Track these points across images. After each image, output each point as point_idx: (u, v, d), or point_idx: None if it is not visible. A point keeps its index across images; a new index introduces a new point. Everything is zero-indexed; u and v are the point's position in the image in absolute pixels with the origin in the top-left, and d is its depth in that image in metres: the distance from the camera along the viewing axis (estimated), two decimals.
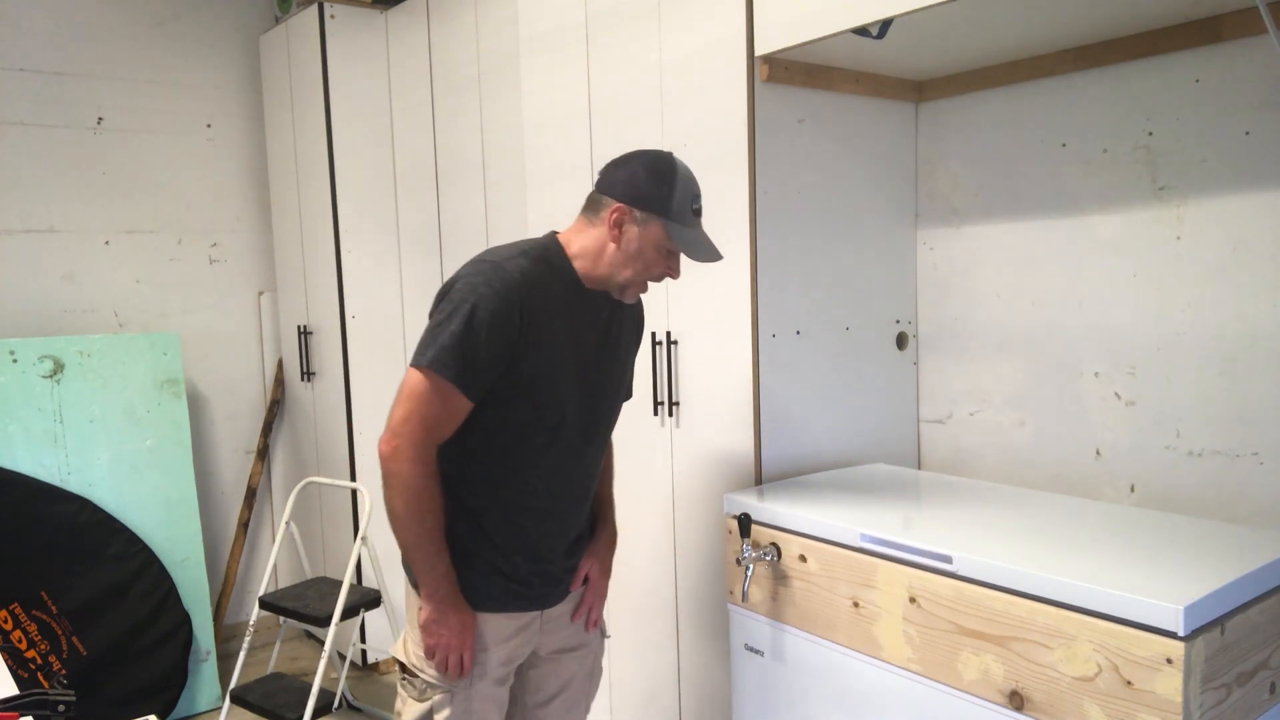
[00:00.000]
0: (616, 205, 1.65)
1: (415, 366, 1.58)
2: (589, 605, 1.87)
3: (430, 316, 1.63)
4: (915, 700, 1.61)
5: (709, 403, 2.19)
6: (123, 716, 3.03)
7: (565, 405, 1.68)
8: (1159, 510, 1.88)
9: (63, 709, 1.36)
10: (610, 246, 1.66)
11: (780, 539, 1.85)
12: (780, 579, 1.86)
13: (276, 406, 4.05)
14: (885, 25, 1.82)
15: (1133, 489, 2.02)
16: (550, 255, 1.68)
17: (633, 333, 1.87)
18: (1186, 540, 1.58)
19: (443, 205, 3.31)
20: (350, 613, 3.01)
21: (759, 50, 1.99)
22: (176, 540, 3.33)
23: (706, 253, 1.69)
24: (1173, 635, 1.27)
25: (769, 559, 1.86)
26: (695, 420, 2.23)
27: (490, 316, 1.56)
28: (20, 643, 2.97)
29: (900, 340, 2.41)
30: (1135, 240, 1.98)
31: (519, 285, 1.60)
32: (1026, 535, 1.65)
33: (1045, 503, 1.88)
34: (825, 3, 1.84)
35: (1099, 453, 2.07)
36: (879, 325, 2.36)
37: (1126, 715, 1.32)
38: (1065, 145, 2.08)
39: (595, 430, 1.77)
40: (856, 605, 1.70)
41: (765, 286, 2.08)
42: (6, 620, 2.96)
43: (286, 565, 3.99)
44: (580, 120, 2.45)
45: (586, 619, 1.87)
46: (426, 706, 1.70)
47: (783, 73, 2.04)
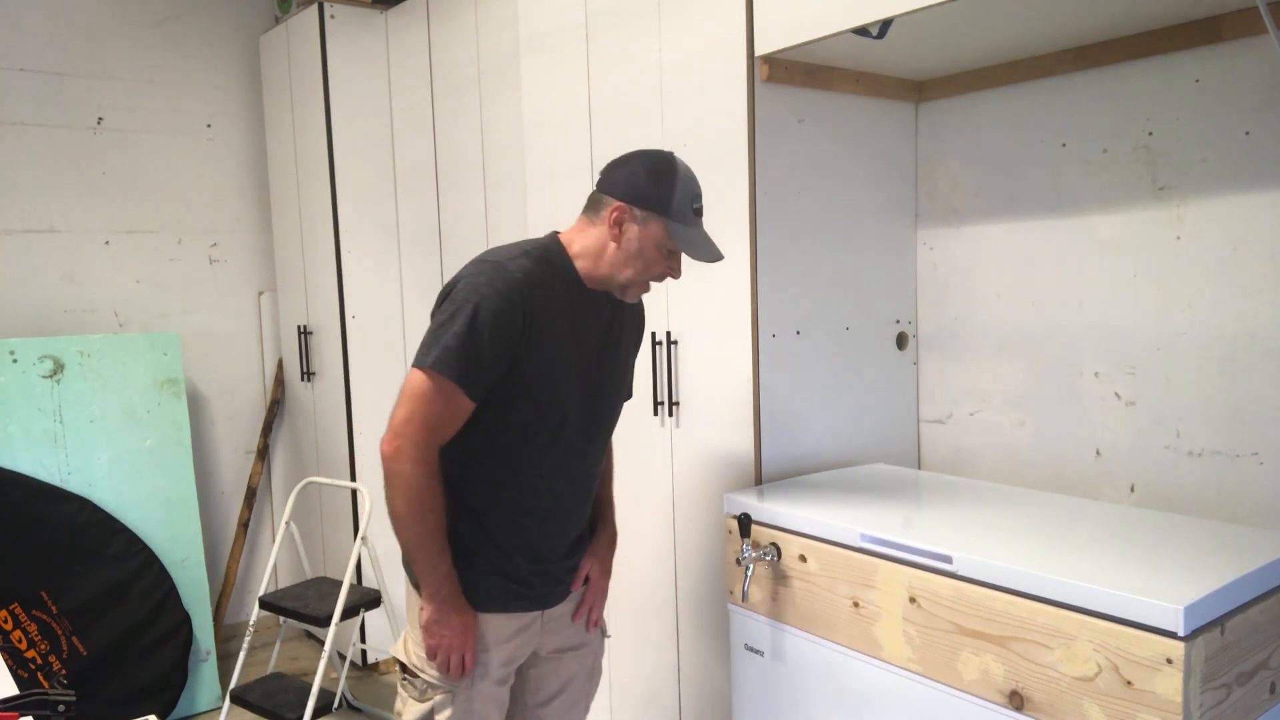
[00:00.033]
0: (617, 204, 1.65)
1: (418, 367, 1.58)
2: (589, 605, 1.87)
3: (432, 317, 1.63)
4: (915, 700, 1.61)
5: (709, 403, 2.19)
6: (123, 716, 3.03)
7: (567, 405, 1.68)
8: (1159, 510, 1.88)
9: (63, 709, 1.36)
10: (611, 246, 1.66)
11: (780, 539, 1.85)
12: (780, 579, 1.86)
13: (276, 406, 4.05)
14: (885, 25, 1.82)
15: (1133, 489, 2.02)
16: (552, 255, 1.68)
17: (633, 333, 1.87)
18: (1186, 540, 1.58)
19: (443, 205, 3.31)
20: (350, 613, 3.01)
21: (759, 50, 1.99)
22: (176, 540, 3.33)
23: (707, 252, 1.68)
24: (1173, 635, 1.27)
25: (769, 559, 1.86)
26: (695, 420, 2.23)
27: (493, 317, 1.56)
28: (20, 643, 2.97)
29: (900, 340, 2.41)
30: (1135, 240, 1.98)
31: (521, 285, 1.60)
32: (1026, 535, 1.65)
33: (1045, 503, 1.88)
34: (825, 3, 1.84)
35: (1099, 453, 2.07)
36: (879, 325, 2.36)
37: (1126, 715, 1.32)
38: (1065, 145, 2.08)
39: (597, 430, 1.77)
40: (856, 605, 1.70)
41: (765, 286, 2.08)
42: (6, 620, 2.96)
43: (286, 565, 3.99)
44: (580, 120, 2.45)
45: (587, 619, 1.87)
46: (427, 707, 1.70)
47: (783, 73, 2.04)
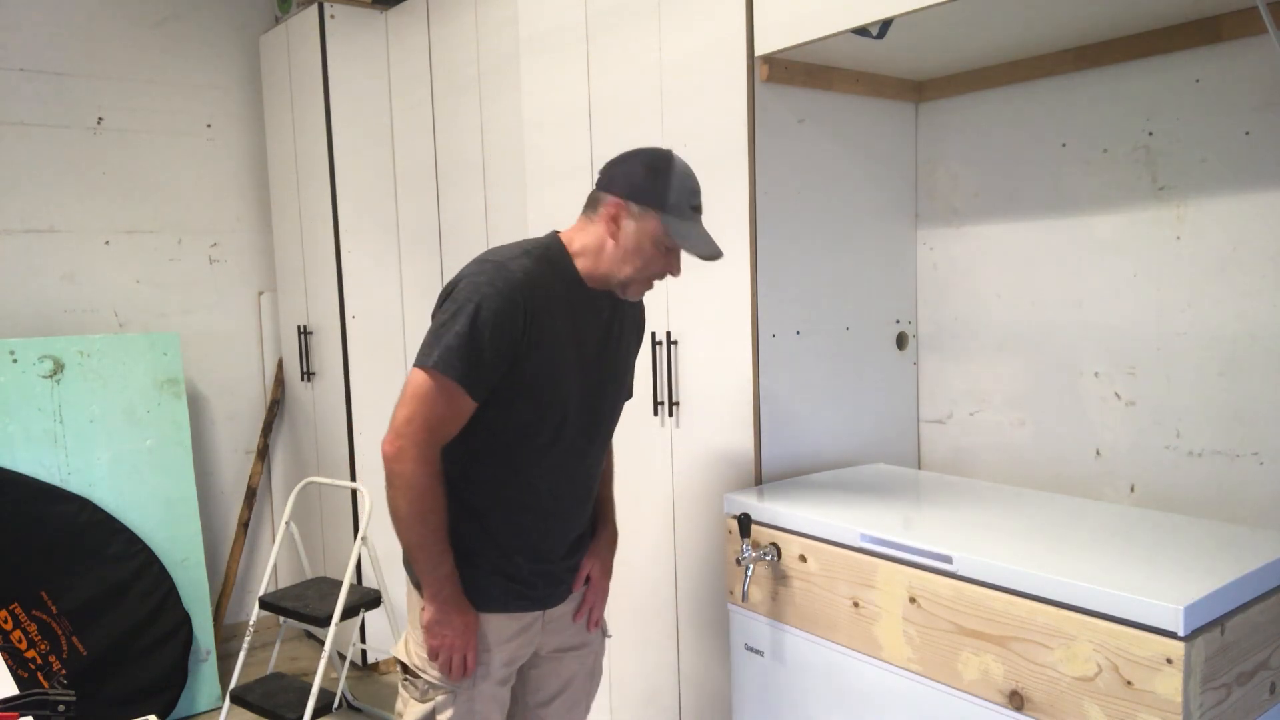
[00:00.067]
0: (613, 200, 1.65)
1: (420, 367, 1.58)
2: (590, 605, 1.87)
3: (433, 317, 1.63)
4: (915, 700, 1.61)
5: (709, 403, 2.19)
6: (123, 716, 3.03)
7: (568, 405, 1.68)
8: (1159, 510, 1.88)
9: (63, 709, 1.36)
10: (609, 243, 1.66)
11: (780, 539, 1.85)
12: (780, 579, 1.86)
13: (276, 406, 4.05)
14: (885, 25, 1.82)
15: (1133, 489, 2.02)
16: (552, 255, 1.68)
17: (634, 332, 1.87)
18: (1186, 540, 1.58)
19: (443, 205, 3.31)
20: (350, 613, 3.01)
21: (759, 50, 1.99)
22: (176, 540, 3.33)
23: (705, 247, 1.67)
24: (1173, 635, 1.27)
25: (769, 559, 1.86)
26: (695, 420, 2.23)
27: (494, 316, 1.56)
28: (20, 643, 2.97)
29: (900, 340, 2.41)
30: (1135, 240, 1.98)
31: (522, 285, 1.59)
32: (1026, 535, 1.65)
33: (1045, 503, 1.88)
34: (825, 3, 1.84)
35: (1099, 453, 2.07)
36: (879, 325, 2.35)
37: (1126, 715, 1.32)
38: (1065, 145, 2.08)
39: (597, 430, 1.77)
40: (856, 605, 1.70)
41: (765, 286, 2.08)
42: (6, 620, 2.96)
43: (286, 565, 3.99)
44: (580, 120, 2.45)
45: (588, 619, 1.87)
46: (429, 707, 1.70)
47: (783, 73, 2.04)
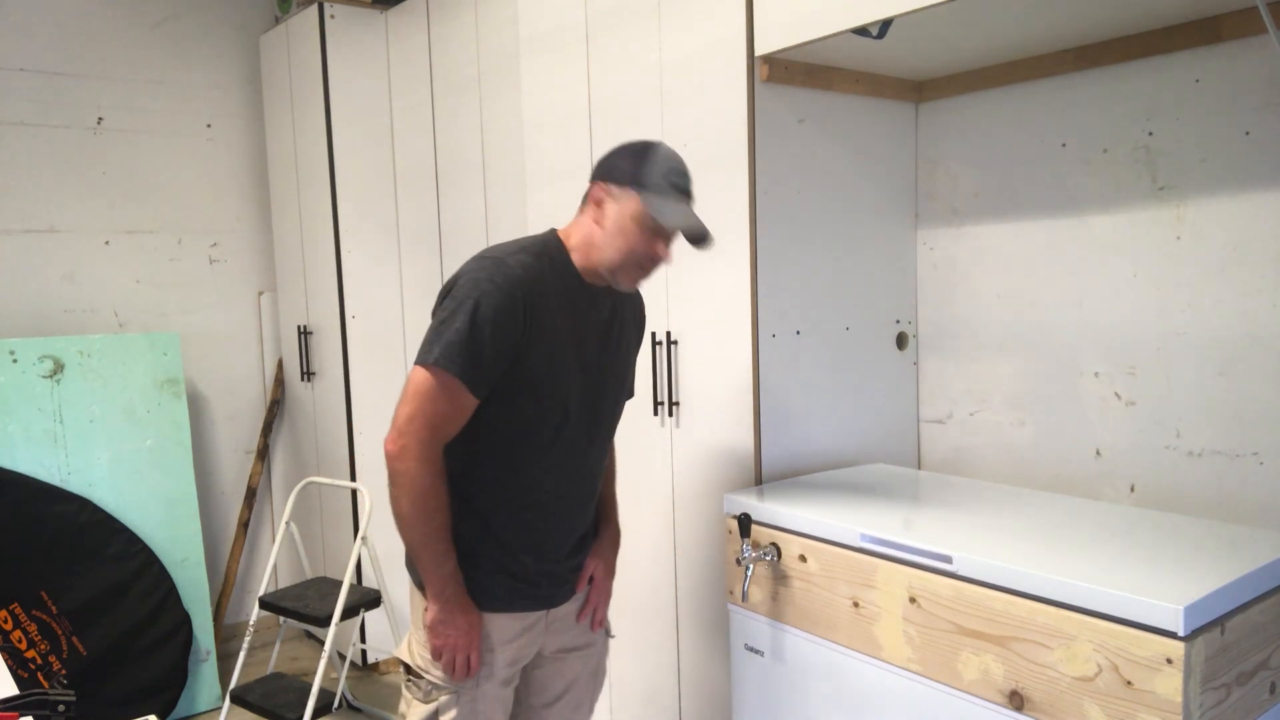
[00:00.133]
0: (597, 185, 1.67)
1: (421, 364, 1.58)
2: (594, 605, 1.86)
3: (433, 314, 1.63)
4: (915, 700, 1.61)
5: (709, 403, 2.19)
6: (123, 716, 3.03)
7: (569, 401, 1.68)
8: (1159, 510, 1.88)
9: (63, 709, 1.36)
10: (596, 230, 1.66)
11: (780, 539, 1.85)
12: (780, 579, 1.86)
13: (276, 406, 4.05)
14: (885, 25, 1.82)
15: (1133, 489, 2.02)
16: (551, 251, 1.68)
17: (635, 330, 1.87)
18: (1186, 540, 1.58)
19: (443, 205, 3.31)
20: (350, 613, 3.01)
21: (759, 50, 1.99)
22: (176, 540, 3.33)
23: (683, 219, 1.63)
24: (1173, 635, 1.27)
25: (769, 559, 1.86)
26: (695, 420, 2.23)
27: (494, 313, 1.56)
28: (20, 643, 2.97)
29: (900, 340, 2.41)
30: (1135, 240, 1.98)
31: (522, 281, 1.60)
32: (1026, 535, 1.65)
33: (1045, 503, 1.88)
34: (825, 3, 1.84)
35: (1099, 453, 2.07)
36: (879, 325, 2.35)
37: (1126, 715, 1.32)
38: (1065, 145, 2.08)
39: (599, 427, 1.77)
40: (856, 605, 1.70)
41: (765, 286, 2.08)
42: (6, 620, 2.96)
43: (286, 565, 3.99)
44: (580, 120, 2.45)
45: (591, 619, 1.87)
46: (432, 708, 1.69)
47: (783, 73, 2.04)
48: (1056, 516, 1.77)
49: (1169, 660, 1.27)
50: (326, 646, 2.94)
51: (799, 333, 2.16)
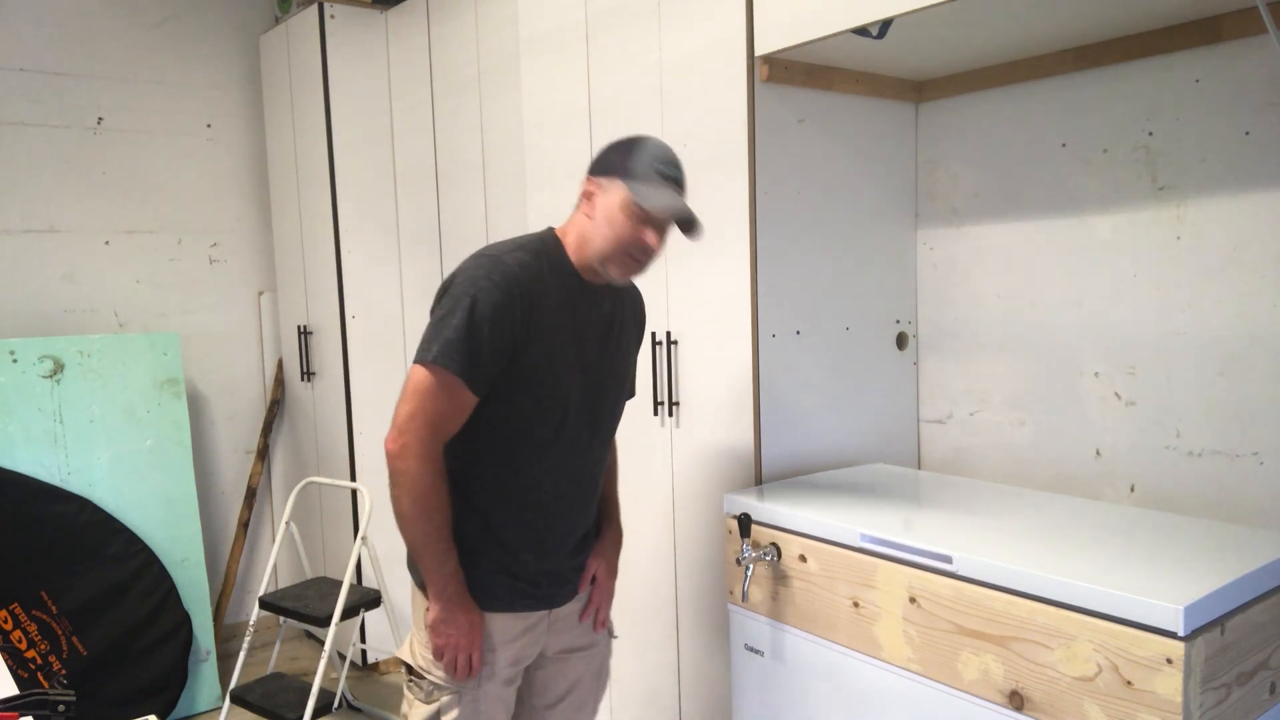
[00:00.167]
0: (587, 179, 1.68)
1: (420, 363, 1.58)
2: (596, 605, 1.86)
3: (431, 313, 1.63)
4: (915, 700, 1.61)
5: (709, 403, 2.19)
6: (123, 716, 3.03)
7: (568, 399, 1.68)
8: (1159, 510, 1.88)
9: (63, 709, 1.36)
10: (587, 223, 1.67)
11: (780, 539, 1.85)
12: (780, 579, 1.86)
13: (276, 406, 4.05)
14: (885, 25, 1.82)
15: (1133, 489, 2.02)
16: (549, 249, 1.69)
17: (635, 329, 1.87)
18: (1186, 540, 1.58)
19: (443, 205, 3.31)
20: (350, 613, 3.01)
21: (759, 50, 1.99)
22: (176, 540, 3.33)
23: (670, 204, 1.61)
24: (1173, 635, 1.27)
25: (769, 559, 1.86)
26: (695, 420, 2.23)
27: (492, 310, 1.56)
28: (20, 643, 2.97)
29: (900, 340, 2.41)
30: (1135, 240, 1.98)
31: (519, 278, 1.60)
32: (1026, 535, 1.65)
33: (1045, 503, 1.88)
34: (825, 3, 1.84)
35: (1099, 453, 2.07)
36: (879, 325, 2.35)
37: (1126, 715, 1.32)
38: (1065, 145, 2.08)
39: (599, 425, 1.77)
40: (856, 605, 1.70)
41: (765, 286, 2.08)
42: (6, 620, 2.96)
43: (286, 565, 3.99)
44: (580, 120, 2.45)
45: (594, 619, 1.86)
46: (434, 708, 1.69)
47: (783, 73, 2.04)
48: (1056, 516, 1.77)
49: (1169, 660, 1.27)
50: (326, 646, 2.94)
51: (799, 333, 2.16)
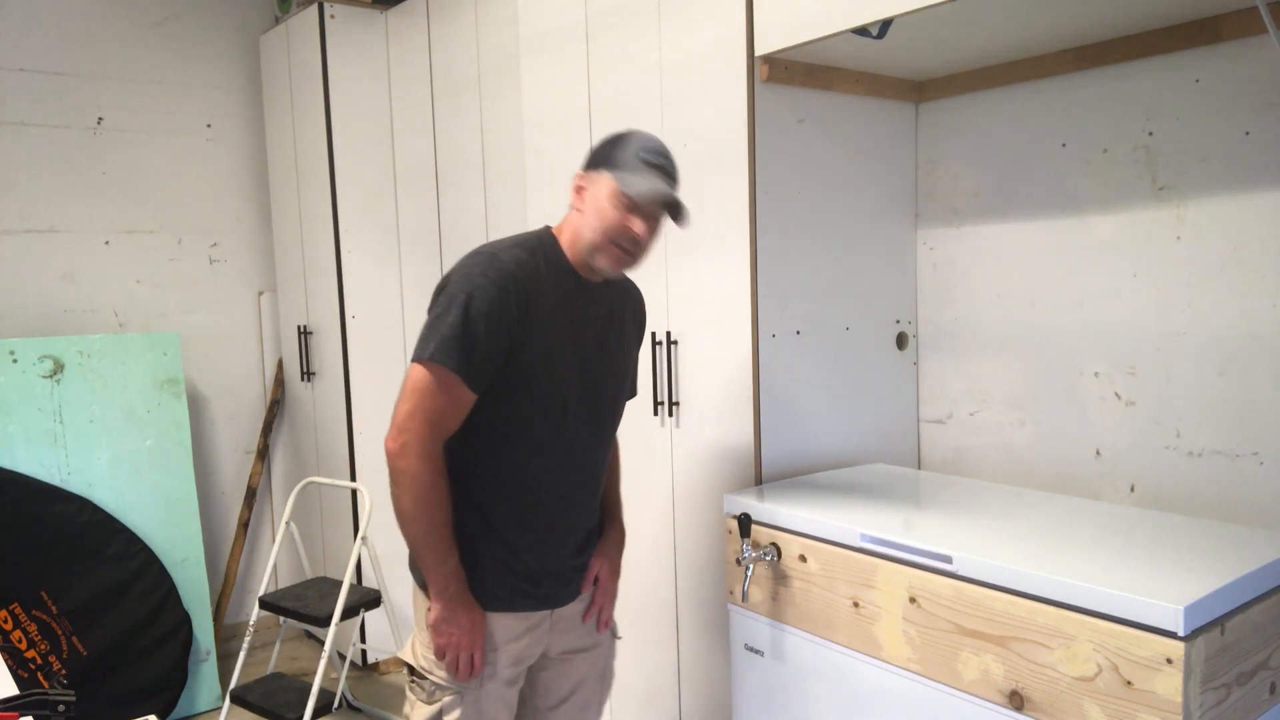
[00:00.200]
0: (577, 174, 1.69)
1: (417, 361, 1.58)
2: (599, 606, 1.86)
3: (429, 311, 1.63)
4: (915, 700, 1.61)
5: (709, 403, 2.19)
6: (123, 716, 3.03)
7: (567, 396, 1.68)
8: (1159, 510, 1.88)
9: (63, 709, 1.36)
10: (578, 218, 1.68)
11: (780, 539, 1.85)
12: (780, 579, 1.86)
13: (276, 406, 4.05)
14: (885, 25, 1.82)
15: (1133, 489, 2.02)
16: (545, 246, 1.69)
17: (634, 327, 1.87)
18: (1186, 540, 1.58)
19: (443, 205, 3.31)
20: (350, 613, 3.01)
21: (759, 50, 1.99)
22: (176, 540, 3.33)
23: (653, 188, 1.60)
24: (1173, 635, 1.27)
25: (769, 559, 1.86)
26: (695, 420, 2.23)
27: (488, 306, 1.57)
28: (20, 643, 2.97)
29: (900, 340, 2.41)
30: (1135, 240, 1.98)
31: (515, 275, 1.60)
32: (1026, 535, 1.65)
33: (1045, 503, 1.88)
34: (825, 3, 1.84)
35: (1099, 453, 2.07)
36: (879, 325, 2.35)
37: (1126, 715, 1.32)
38: (1065, 145, 2.08)
39: (599, 423, 1.77)
40: (856, 605, 1.70)
41: (765, 286, 2.08)
42: (6, 620, 2.96)
43: (286, 565, 3.99)
44: (580, 120, 2.45)
45: (597, 619, 1.86)
46: (436, 709, 1.69)
47: (783, 73, 2.04)
48: (1056, 516, 1.77)
49: (1169, 660, 1.27)
50: (326, 646, 2.94)
51: (799, 333, 2.16)
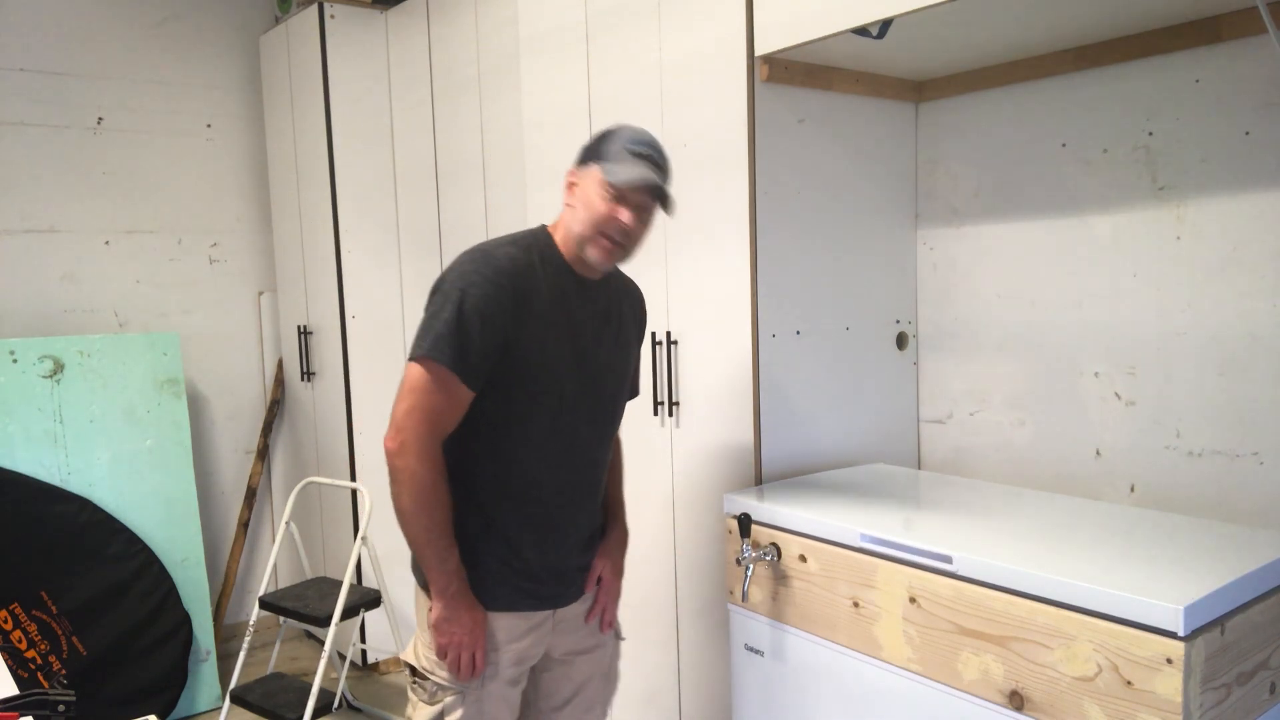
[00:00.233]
0: (567, 172, 1.71)
1: (413, 359, 1.59)
2: (602, 606, 1.85)
3: (425, 310, 1.64)
4: (915, 700, 1.61)
5: (709, 403, 2.19)
6: (123, 716, 3.03)
7: (563, 391, 1.68)
8: (1159, 510, 1.88)
9: (63, 709, 1.36)
10: (569, 213, 1.69)
11: (780, 539, 1.85)
12: (780, 579, 1.86)
13: (276, 406, 4.05)
14: (885, 25, 1.82)
15: (1133, 489, 2.02)
16: (540, 244, 1.70)
17: (634, 324, 1.87)
18: (1186, 540, 1.58)
19: (443, 205, 3.31)
20: (350, 613, 3.01)
21: (759, 50, 1.99)
22: (176, 540, 3.33)
23: (638, 174, 1.60)
24: (1173, 635, 1.27)
25: (769, 559, 1.86)
26: (695, 420, 2.23)
27: (482, 303, 1.58)
28: (20, 643, 2.97)
29: (900, 340, 2.41)
30: (1135, 240, 1.98)
31: (508, 271, 1.61)
32: (1026, 535, 1.65)
33: (1045, 503, 1.88)
34: (825, 3, 1.84)
35: (1099, 453, 2.07)
36: (879, 325, 2.35)
37: (1126, 715, 1.32)
38: (1065, 145, 2.08)
39: (599, 419, 1.77)
40: (856, 605, 1.70)
41: (765, 286, 2.08)
42: (6, 620, 2.96)
43: (286, 565, 3.99)
44: (580, 120, 2.45)
45: (600, 620, 1.86)
46: (438, 709, 1.69)
47: (783, 73, 2.04)
48: (1056, 516, 1.77)
49: (1169, 660, 1.27)
50: (326, 646, 2.94)
51: (799, 333, 2.16)
